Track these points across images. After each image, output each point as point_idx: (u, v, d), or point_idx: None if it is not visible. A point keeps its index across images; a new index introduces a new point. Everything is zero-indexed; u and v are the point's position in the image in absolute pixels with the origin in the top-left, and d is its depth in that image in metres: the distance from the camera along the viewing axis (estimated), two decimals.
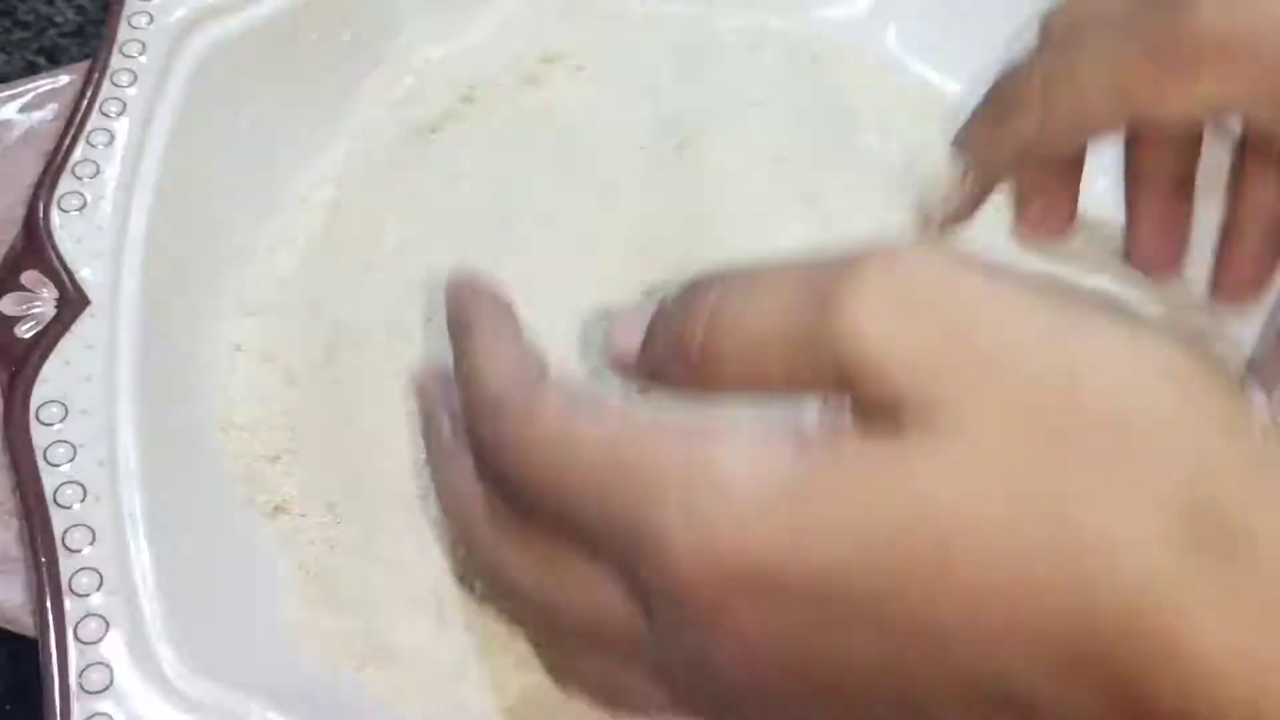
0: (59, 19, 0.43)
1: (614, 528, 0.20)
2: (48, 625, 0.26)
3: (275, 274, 0.35)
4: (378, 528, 0.31)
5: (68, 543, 0.27)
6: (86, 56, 0.42)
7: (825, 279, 0.19)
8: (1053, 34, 0.28)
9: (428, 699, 0.30)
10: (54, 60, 0.42)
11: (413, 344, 0.34)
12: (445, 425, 0.25)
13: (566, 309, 0.33)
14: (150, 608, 0.27)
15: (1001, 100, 0.29)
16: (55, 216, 0.31)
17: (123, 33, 0.34)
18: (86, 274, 0.30)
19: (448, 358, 0.33)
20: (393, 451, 0.32)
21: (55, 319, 0.30)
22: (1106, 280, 0.32)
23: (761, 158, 0.38)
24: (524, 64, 0.40)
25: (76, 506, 0.27)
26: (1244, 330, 0.34)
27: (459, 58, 0.40)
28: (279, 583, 0.31)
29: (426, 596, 0.31)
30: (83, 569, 0.27)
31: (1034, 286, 0.19)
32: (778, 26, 0.42)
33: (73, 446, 0.28)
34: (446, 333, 0.26)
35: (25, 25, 0.43)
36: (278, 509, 0.32)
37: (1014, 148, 0.29)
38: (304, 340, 0.34)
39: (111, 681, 0.25)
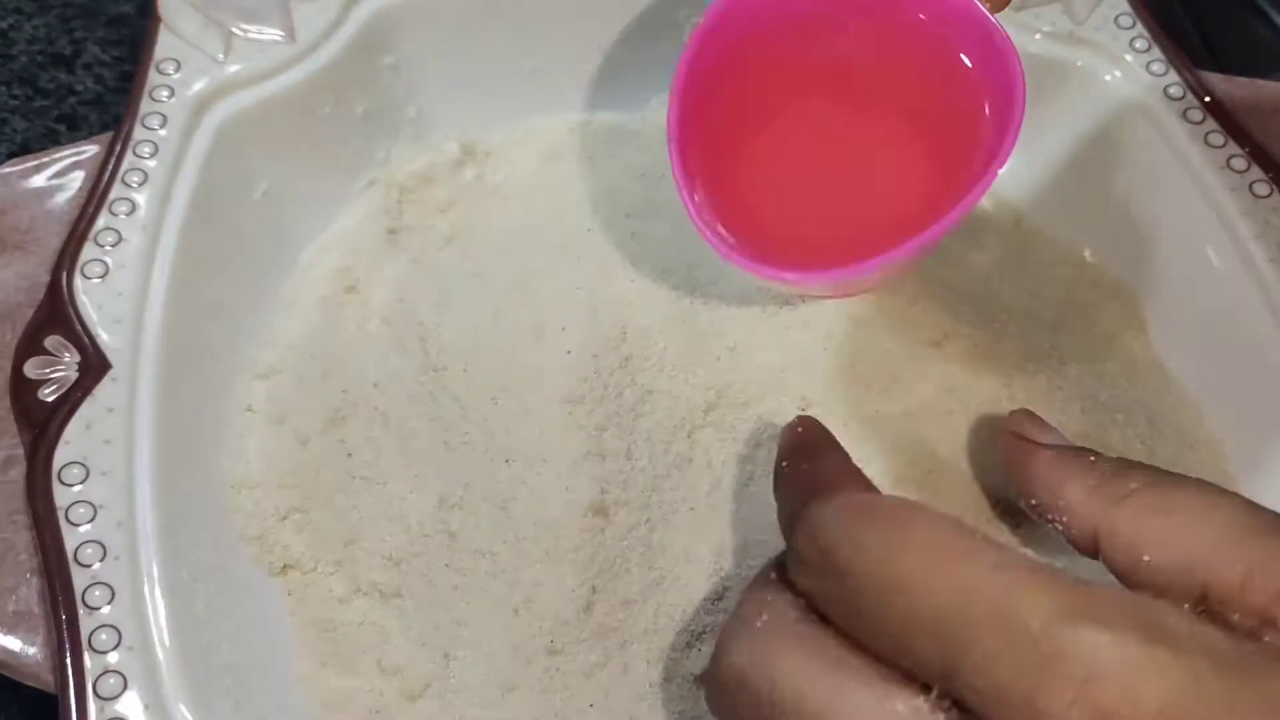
0: (79, 88, 0.44)
1: (972, 681, 0.18)
2: (67, 681, 0.26)
3: (284, 339, 0.36)
4: (382, 585, 0.32)
5: (88, 600, 0.27)
6: (105, 124, 0.42)
7: None
8: None
9: None
10: (74, 128, 0.42)
11: (416, 407, 0.34)
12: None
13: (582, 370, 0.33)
14: (167, 664, 0.27)
15: None
16: (78, 282, 0.31)
17: (144, 105, 0.34)
18: (107, 339, 0.31)
19: (454, 422, 0.33)
20: (398, 513, 0.32)
21: (77, 383, 0.30)
22: None
23: None
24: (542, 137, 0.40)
25: (96, 565, 0.28)
26: None
27: (469, 129, 0.40)
28: (288, 639, 0.31)
29: (431, 651, 0.31)
30: (102, 626, 0.27)
31: None
32: None
33: (93, 507, 0.28)
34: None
35: (46, 94, 0.43)
36: (287, 566, 0.32)
37: None
38: (312, 403, 0.34)
39: None
